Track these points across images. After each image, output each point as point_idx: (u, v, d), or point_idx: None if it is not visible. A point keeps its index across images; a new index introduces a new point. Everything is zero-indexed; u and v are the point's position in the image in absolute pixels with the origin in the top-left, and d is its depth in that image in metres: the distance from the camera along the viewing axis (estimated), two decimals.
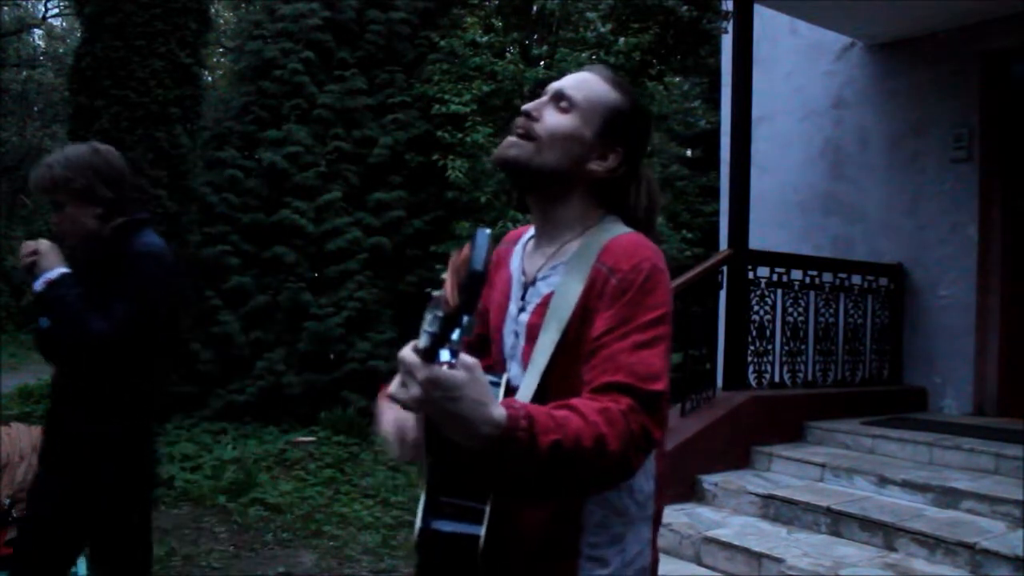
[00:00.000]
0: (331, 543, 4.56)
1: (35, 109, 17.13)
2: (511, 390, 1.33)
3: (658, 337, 1.24)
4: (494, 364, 1.46)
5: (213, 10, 9.12)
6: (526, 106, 1.40)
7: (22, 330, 14.16)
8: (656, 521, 1.40)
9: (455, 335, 0.97)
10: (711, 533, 3.67)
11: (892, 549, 3.41)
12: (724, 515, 3.97)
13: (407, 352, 1.01)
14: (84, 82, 6.08)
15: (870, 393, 5.26)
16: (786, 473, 4.31)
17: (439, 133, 7.34)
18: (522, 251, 1.48)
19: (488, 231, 1.05)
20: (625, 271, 1.27)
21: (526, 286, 1.42)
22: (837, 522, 3.63)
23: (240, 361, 7.30)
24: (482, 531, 1.22)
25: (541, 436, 1.06)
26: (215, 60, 14.72)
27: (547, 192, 1.39)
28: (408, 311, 7.54)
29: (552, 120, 1.37)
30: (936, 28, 5.45)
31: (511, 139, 1.38)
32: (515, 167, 1.36)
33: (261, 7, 8.83)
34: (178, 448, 6.04)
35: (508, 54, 7.80)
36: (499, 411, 1.03)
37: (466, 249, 1.04)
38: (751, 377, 4.80)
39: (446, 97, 7.30)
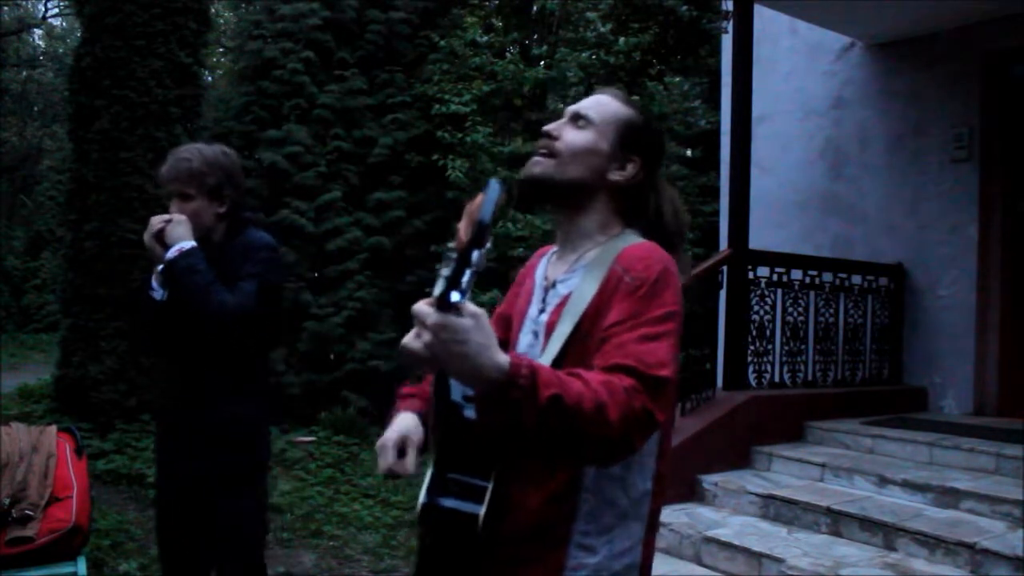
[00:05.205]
0: (331, 543, 4.55)
1: (35, 109, 17.12)
2: None
3: (666, 332, 1.30)
4: None
5: (213, 10, 9.09)
6: (547, 127, 1.51)
7: (22, 330, 14.14)
8: (651, 524, 1.43)
9: (466, 276, 1.05)
10: (711, 533, 3.67)
11: (892, 549, 3.41)
12: (724, 515, 3.98)
13: (419, 304, 1.11)
14: (84, 82, 6.06)
15: (870, 393, 5.26)
16: (786, 473, 4.31)
17: (439, 133, 7.34)
18: (546, 263, 1.59)
19: (499, 182, 1.10)
20: (638, 270, 1.35)
21: (546, 289, 1.51)
22: (837, 522, 3.64)
23: None
24: (482, 510, 1.26)
25: (542, 388, 1.13)
26: (215, 60, 14.71)
27: (571, 203, 1.49)
28: (408, 311, 7.53)
29: (570, 137, 1.48)
30: (936, 28, 5.45)
31: (535, 158, 1.48)
32: (540, 182, 1.47)
33: (261, 7, 8.80)
34: None
35: (508, 54, 7.80)
36: (503, 357, 1.11)
37: (479, 197, 1.08)
38: (751, 377, 4.80)
39: (446, 97, 7.30)
